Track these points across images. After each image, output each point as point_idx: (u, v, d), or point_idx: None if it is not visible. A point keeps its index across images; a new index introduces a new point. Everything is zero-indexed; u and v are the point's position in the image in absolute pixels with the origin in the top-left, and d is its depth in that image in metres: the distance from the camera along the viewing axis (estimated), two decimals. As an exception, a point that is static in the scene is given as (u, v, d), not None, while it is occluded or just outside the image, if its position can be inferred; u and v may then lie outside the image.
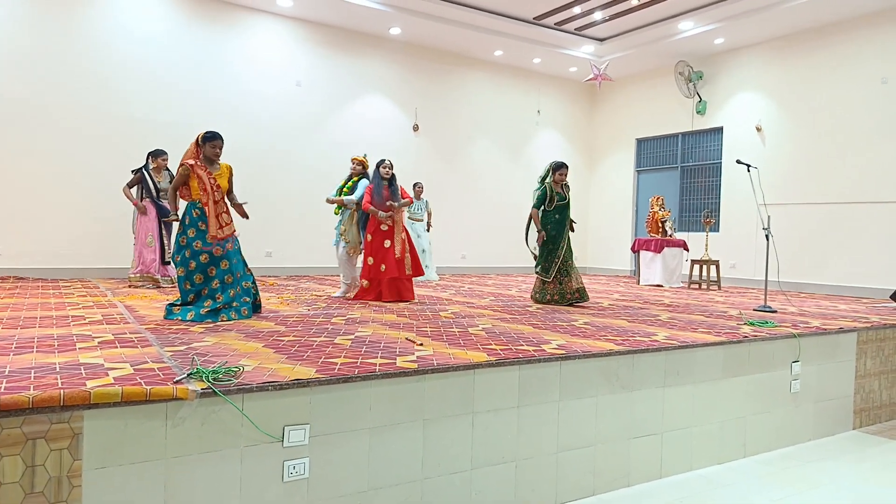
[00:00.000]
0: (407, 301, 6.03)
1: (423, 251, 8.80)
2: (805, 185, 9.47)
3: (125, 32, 8.47)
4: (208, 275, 4.47)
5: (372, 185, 6.15)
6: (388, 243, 6.05)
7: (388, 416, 2.72)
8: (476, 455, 2.94)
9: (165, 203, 7.19)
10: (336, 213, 6.51)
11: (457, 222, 11.22)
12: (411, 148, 10.79)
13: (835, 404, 4.57)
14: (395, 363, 2.89)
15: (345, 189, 6.41)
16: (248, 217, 4.88)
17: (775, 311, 5.81)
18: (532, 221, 6.25)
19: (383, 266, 6.01)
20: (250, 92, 9.38)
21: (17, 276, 7.67)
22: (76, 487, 2.10)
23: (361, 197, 6.19)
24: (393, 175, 6.21)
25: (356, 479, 2.62)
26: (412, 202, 6.51)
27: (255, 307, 4.75)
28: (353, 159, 6.50)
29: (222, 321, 4.28)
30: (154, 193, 7.15)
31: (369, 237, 6.12)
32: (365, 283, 6.12)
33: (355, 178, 6.40)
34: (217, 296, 4.42)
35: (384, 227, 6.08)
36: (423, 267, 9.01)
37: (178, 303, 4.45)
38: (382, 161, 6.22)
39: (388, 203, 6.07)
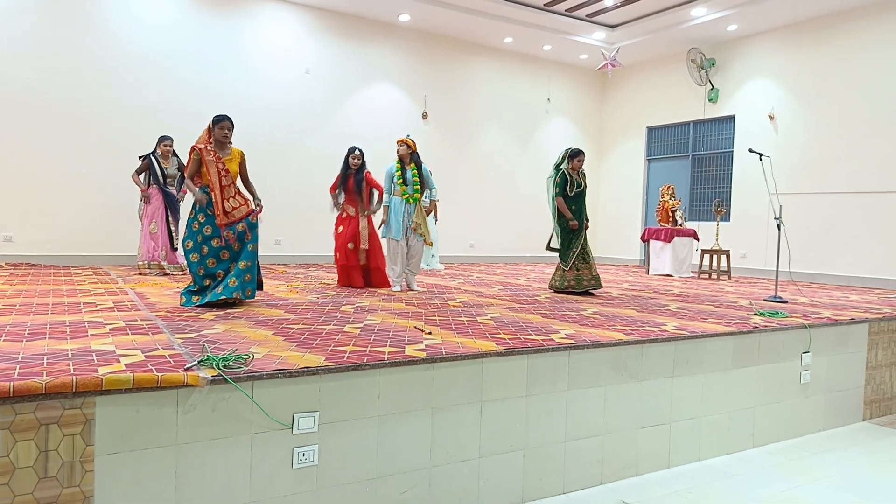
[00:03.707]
0: (378, 288, 6.06)
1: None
2: (818, 174, 9.36)
3: (134, 21, 8.46)
4: (220, 258, 4.49)
5: (340, 174, 6.31)
6: (340, 229, 6.25)
7: (396, 404, 2.73)
8: (484, 444, 2.95)
9: (171, 189, 7.22)
10: (410, 202, 5.93)
11: (465, 211, 11.19)
12: (420, 136, 10.72)
13: (845, 395, 4.54)
14: (403, 352, 2.90)
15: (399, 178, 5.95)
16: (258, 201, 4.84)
17: (786, 302, 5.77)
18: (560, 214, 6.09)
19: (337, 253, 6.23)
20: (259, 80, 9.37)
21: (30, 262, 7.75)
22: (89, 472, 2.12)
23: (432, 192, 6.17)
24: (362, 164, 6.26)
25: (365, 466, 2.64)
26: (381, 196, 6.20)
27: (259, 284, 4.70)
28: (398, 141, 5.98)
29: (235, 297, 4.34)
30: (161, 180, 7.16)
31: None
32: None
33: (410, 165, 5.93)
34: (231, 281, 4.44)
35: (344, 215, 6.27)
36: (430, 257, 9.00)
37: (194, 288, 4.48)
38: (352, 150, 6.24)
39: (349, 196, 6.21)
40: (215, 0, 9.00)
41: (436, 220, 9.16)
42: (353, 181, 6.21)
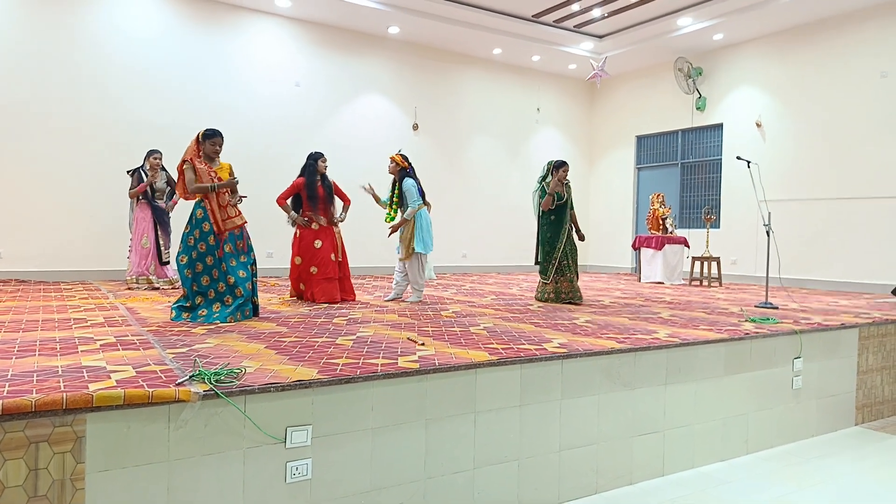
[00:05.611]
0: (349, 301, 5.86)
1: None
2: (806, 180, 9.45)
3: (123, 35, 8.46)
4: (213, 277, 4.47)
5: (304, 178, 5.86)
6: (319, 243, 5.83)
7: (390, 416, 2.72)
8: (478, 454, 2.94)
9: (160, 203, 7.19)
10: (387, 221, 6.10)
11: (457, 221, 11.21)
12: (411, 147, 10.75)
13: (837, 400, 4.57)
14: (396, 363, 2.89)
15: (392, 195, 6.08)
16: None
17: (777, 308, 5.80)
18: (540, 228, 6.25)
19: (314, 268, 5.79)
20: (249, 93, 9.37)
21: (19, 278, 7.68)
22: (79, 490, 2.10)
23: (416, 204, 5.88)
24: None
25: (359, 480, 2.62)
26: (349, 203, 6.16)
27: (255, 308, 4.71)
28: (390, 158, 6.04)
29: (229, 322, 4.27)
30: (149, 194, 7.14)
31: (297, 233, 5.94)
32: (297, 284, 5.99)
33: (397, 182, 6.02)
34: (226, 299, 4.42)
35: (315, 227, 5.86)
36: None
37: (186, 303, 4.45)
38: (320, 154, 5.98)
39: (321, 204, 5.85)
40: (205, 14, 9.02)
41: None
42: (323, 188, 5.88)
